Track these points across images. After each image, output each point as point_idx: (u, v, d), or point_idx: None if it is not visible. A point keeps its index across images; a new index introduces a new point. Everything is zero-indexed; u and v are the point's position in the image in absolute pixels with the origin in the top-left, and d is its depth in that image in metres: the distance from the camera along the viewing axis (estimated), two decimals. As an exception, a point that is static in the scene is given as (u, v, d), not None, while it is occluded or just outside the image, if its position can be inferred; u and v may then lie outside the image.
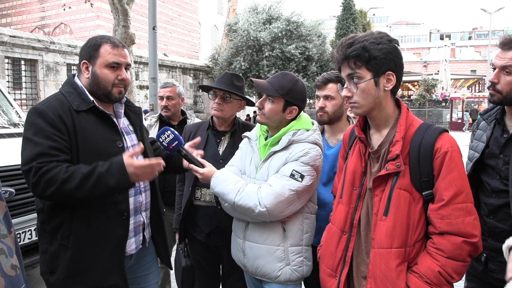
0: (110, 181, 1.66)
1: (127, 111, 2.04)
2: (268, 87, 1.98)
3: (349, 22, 22.13)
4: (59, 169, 1.65)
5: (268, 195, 1.85)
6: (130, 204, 1.90)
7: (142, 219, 1.99)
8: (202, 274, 2.52)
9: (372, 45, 1.47)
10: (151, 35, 4.91)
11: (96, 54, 1.85)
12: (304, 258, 1.99)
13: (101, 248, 1.78)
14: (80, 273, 1.76)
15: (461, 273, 1.45)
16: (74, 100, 1.81)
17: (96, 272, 1.77)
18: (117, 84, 1.87)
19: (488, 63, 18.37)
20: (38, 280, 4.06)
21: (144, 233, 2.01)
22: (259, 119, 2.03)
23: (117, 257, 1.82)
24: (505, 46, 1.88)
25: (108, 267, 1.79)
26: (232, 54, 19.32)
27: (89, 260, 1.76)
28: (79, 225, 1.75)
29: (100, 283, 1.78)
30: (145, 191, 2.01)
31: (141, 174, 1.71)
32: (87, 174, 1.65)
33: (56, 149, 1.68)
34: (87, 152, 1.76)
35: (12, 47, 11.33)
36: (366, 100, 1.53)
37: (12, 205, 3.13)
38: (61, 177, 1.63)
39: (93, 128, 1.81)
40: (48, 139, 1.68)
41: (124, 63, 1.89)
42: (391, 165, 1.49)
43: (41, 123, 1.71)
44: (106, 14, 18.53)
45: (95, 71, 1.85)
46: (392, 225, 1.47)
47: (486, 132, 2.04)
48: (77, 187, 1.64)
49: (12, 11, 22.34)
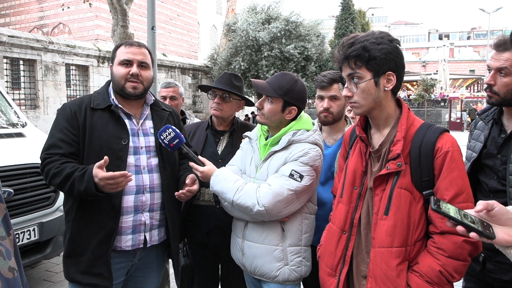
0: (80, 186, 1.80)
1: (153, 114, 2.14)
2: (266, 88, 1.98)
3: (348, 22, 22.12)
4: (54, 163, 1.87)
5: (266, 194, 1.85)
6: (129, 201, 1.96)
7: (144, 219, 2.01)
8: (201, 273, 2.52)
9: (372, 45, 1.48)
10: (150, 35, 4.88)
11: (114, 55, 2.07)
12: (303, 258, 1.99)
13: (92, 236, 1.91)
14: (74, 255, 1.94)
15: (461, 272, 1.44)
16: (96, 99, 2.02)
17: (85, 257, 1.91)
18: (129, 78, 2.00)
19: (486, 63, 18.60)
20: (38, 280, 4.06)
21: (145, 233, 2.02)
22: (259, 119, 2.04)
23: (105, 247, 1.91)
24: (500, 48, 1.87)
25: (96, 256, 1.90)
26: (231, 54, 19.30)
27: (81, 245, 1.92)
28: (77, 212, 1.94)
29: (88, 269, 1.90)
30: (151, 191, 2.02)
31: (104, 185, 1.76)
32: (67, 174, 1.83)
33: (62, 141, 1.92)
34: (91, 145, 1.93)
35: (11, 47, 11.30)
36: (366, 100, 1.54)
37: (11, 205, 3.13)
38: (52, 171, 1.86)
39: (103, 125, 1.96)
40: (60, 132, 1.94)
41: (135, 60, 2.02)
42: (392, 164, 1.49)
43: (60, 117, 1.99)
44: (105, 14, 18.51)
45: (112, 69, 2.06)
46: (392, 224, 1.47)
47: (483, 132, 2.04)
48: (60, 183, 1.85)
49: (11, 11, 22.31)
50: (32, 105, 12.29)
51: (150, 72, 2.09)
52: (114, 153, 1.92)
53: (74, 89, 13.81)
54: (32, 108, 12.25)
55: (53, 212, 3.52)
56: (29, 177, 3.34)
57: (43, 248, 3.49)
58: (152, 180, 2.03)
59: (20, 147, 3.59)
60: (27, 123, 4.13)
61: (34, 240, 3.33)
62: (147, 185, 2.01)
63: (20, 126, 3.99)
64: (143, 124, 2.08)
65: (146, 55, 2.07)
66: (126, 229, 1.97)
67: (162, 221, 2.09)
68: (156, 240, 2.08)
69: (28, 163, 3.35)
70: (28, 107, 12.21)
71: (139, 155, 2.01)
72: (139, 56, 2.03)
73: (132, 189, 1.96)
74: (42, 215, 3.43)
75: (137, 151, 2.01)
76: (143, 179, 2.01)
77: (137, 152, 2.01)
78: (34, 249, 3.44)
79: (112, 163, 1.86)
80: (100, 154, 1.85)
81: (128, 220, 1.97)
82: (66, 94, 13.15)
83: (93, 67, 14.15)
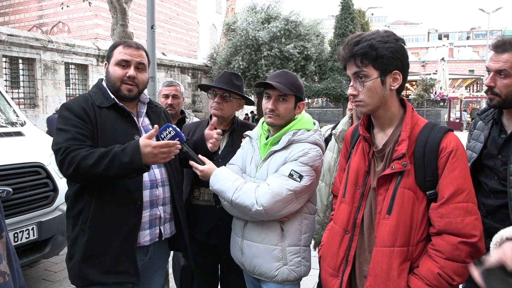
0: (124, 158, 1.74)
1: (149, 112, 2.15)
2: (283, 87, 1.95)
3: (348, 21, 22.03)
4: (82, 150, 1.80)
5: (265, 194, 1.84)
6: (145, 196, 1.96)
7: (159, 213, 2.03)
8: (201, 273, 2.51)
9: (379, 43, 1.47)
10: (150, 34, 4.87)
11: (111, 54, 2.03)
12: (302, 258, 1.98)
13: (114, 234, 1.86)
14: (93, 256, 1.85)
15: (462, 274, 1.42)
16: (97, 98, 1.99)
17: (108, 257, 1.85)
18: (126, 81, 1.98)
19: (486, 63, 18.60)
20: (37, 279, 4.05)
21: (160, 226, 2.05)
22: (274, 121, 1.99)
23: (130, 244, 1.88)
24: (499, 49, 1.86)
25: (120, 253, 1.86)
26: (231, 53, 19.29)
27: (102, 245, 1.85)
28: (96, 210, 1.85)
29: (111, 268, 1.84)
30: (162, 185, 2.05)
31: (157, 153, 1.77)
32: (104, 152, 1.77)
33: (83, 135, 1.86)
34: (105, 142, 1.88)
35: (10, 46, 11.29)
36: (372, 99, 1.53)
37: (10, 205, 3.12)
38: (82, 154, 1.77)
39: (113, 122, 1.95)
40: (75, 127, 1.86)
41: (133, 61, 1.99)
42: (397, 164, 1.48)
43: (68, 115, 1.90)
44: (104, 13, 18.48)
45: (108, 69, 2.02)
46: (395, 223, 1.46)
47: (483, 132, 2.03)
48: (94, 163, 1.74)
49: (10, 10, 22.26)
50: (31, 104, 12.28)
51: (146, 75, 2.08)
52: None
53: (73, 88, 13.81)
54: (31, 107, 12.24)
55: (52, 211, 3.51)
56: (28, 176, 3.33)
57: (42, 247, 3.48)
58: (161, 174, 2.06)
59: (19, 146, 3.58)
60: (26, 122, 4.12)
61: (33, 239, 3.32)
62: (159, 179, 2.04)
63: (19, 125, 3.98)
64: (142, 121, 2.10)
65: (144, 57, 2.05)
66: (144, 224, 1.97)
67: (171, 214, 2.12)
68: (168, 233, 2.11)
69: (27, 162, 3.34)
70: (27, 106, 12.20)
71: None
72: (137, 58, 2.01)
73: (147, 184, 1.98)
74: (41, 214, 3.41)
75: None
76: (155, 173, 2.03)
77: None
78: (33, 249, 3.43)
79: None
80: None
81: (146, 215, 1.97)
82: (65, 93, 13.15)
83: (93, 66, 14.14)
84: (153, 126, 2.06)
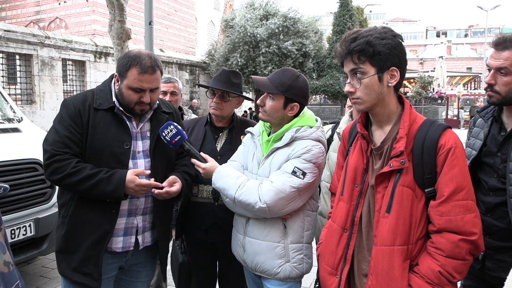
0: (108, 187, 1.81)
1: (153, 117, 2.08)
2: (267, 85, 1.97)
3: (346, 18, 22.03)
4: (69, 162, 1.83)
5: (268, 191, 1.84)
6: (123, 204, 1.96)
7: (136, 222, 2.01)
8: (199, 270, 2.51)
9: (376, 40, 1.45)
10: (147, 30, 4.87)
11: (125, 74, 1.92)
12: (305, 255, 1.98)
13: (87, 236, 1.90)
14: (66, 251, 1.93)
15: (462, 272, 1.43)
16: (99, 98, 1.97)
17: (77, 255, 1.90)
18: (140, 103, 1.94)
19: (484, 60, 18.29)
20: (34, 276, 4.04)
21: (137, 236, 2.02)
22: (261, 116, 2.02)
23: (99, 248, 1.90)
24: (499, 46, 1.85)
25: (88, 255, 1.89)
26: (229, 50, 19.25)
27: (76, 243, 1.91)
28: (75, 209, 1.91)
29: (78, 267, 1.90)
30: (145, 196, 2.00)
31: (138, 190, 1.87)
32: (90, 174, 1.82)
33: (71, 140, 1.87)
34: (93, 147, 1.89)
35: (7, 41, 11.22)
36: (369, 96, 1.52)
37: (7, 201, 3.11)
38: (68, 170, 1.82)
39: (105, 127, 1.93)
40: (66, 129, 1.88)
41: (148, 88, 1.92)
42: (395, 161, 1.47)
43: (64, 114, 1.92)
44: (102, 8, 18.38)
45: (122, 88, 1.95)
46: (395, 222, 1.46)
47: (483, 130, 2.02)
48: (79, 181, 1.82)
49: (7, 5, 22.11)
50: (28, 100, 12.23)
51: (159, 91, 2.03)
52: (116, 157, 1.91)
53: (70, 84, 13.75)
54: (28, 103, 12.19)
55: (49, 208, 3.49)
56: (25, 173, 3.31)
57: (39, 244, 3.46)
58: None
59: (16, 142, 3.56)
60: (23, 118, 4.10)
61: (30, 236, 3.30)
62: None
63: (16, 121, 3.96)
64: (142, 127, 2.05)
65: (159, 80, 1.96)
66: (118, 231, 1.97)
67: (155, 223, 2.08)
68: (149, 241, 2.09)
69: (24, 159, 3.32)
70: (24, 102, 12.15)
71: (136, 159, 1.99)
72: (152, 84, 1.92)
73: None
74: (38, 211, 3.40)
75: (135, 155, 1.99)
76: None
77: (135, 156, 2.00)
78: (30, 245, 3.41)
79: (112, 167, 1.87)
80: (101, 157, 1.88)
81: (121, 223, 1.97)
82: (62, 89, 13.10)
83: (90, 62, 14.08)
84: (151, 132, 2.04)
